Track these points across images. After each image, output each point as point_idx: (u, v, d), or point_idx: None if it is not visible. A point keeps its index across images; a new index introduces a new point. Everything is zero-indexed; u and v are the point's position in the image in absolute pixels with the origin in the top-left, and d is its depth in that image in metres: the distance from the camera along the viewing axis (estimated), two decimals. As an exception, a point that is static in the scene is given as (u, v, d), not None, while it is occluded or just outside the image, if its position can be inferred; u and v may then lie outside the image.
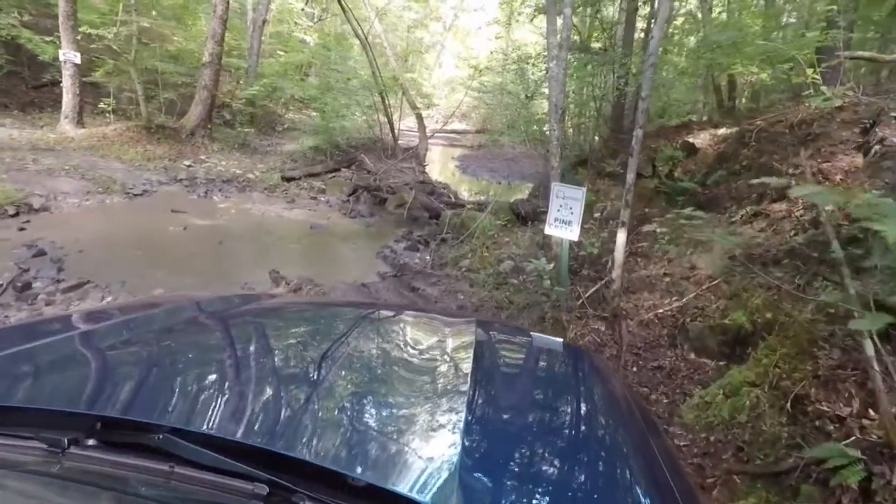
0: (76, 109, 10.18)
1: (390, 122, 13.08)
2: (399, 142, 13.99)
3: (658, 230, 4.48)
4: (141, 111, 10.56)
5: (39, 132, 9.85)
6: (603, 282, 4.34)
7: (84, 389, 0.89)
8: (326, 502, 0.63)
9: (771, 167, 4.36)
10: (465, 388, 0.96)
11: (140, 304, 1.60)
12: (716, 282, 3.63)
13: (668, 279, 4.12)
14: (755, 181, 3.86)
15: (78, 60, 9.84)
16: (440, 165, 16.40)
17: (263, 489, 0.63)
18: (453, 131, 22.97)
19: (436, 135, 17.12)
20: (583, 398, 1.14)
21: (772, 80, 6.95)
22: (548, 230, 3.81)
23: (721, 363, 3.14)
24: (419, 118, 14.08)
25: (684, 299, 3.68)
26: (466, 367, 1.06)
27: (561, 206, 3.69)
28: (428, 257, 6.32)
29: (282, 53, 17.02)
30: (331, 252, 6.65)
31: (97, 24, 9.88)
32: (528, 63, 10.21)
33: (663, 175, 6.48)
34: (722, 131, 7.05)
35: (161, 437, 0.69)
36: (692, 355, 3.31)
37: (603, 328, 3.85)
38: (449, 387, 1.01)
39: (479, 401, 0.95)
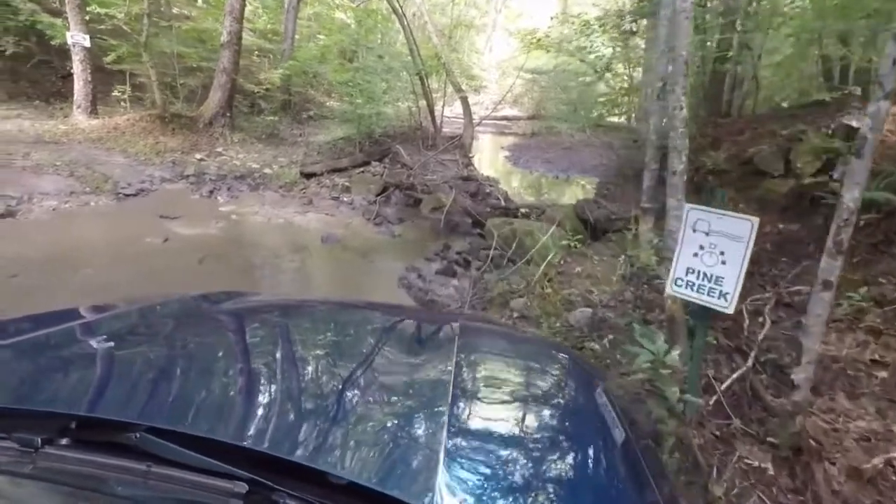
0: (88, 98, 9.30)
1: (430, 108, 11.47)
2: (443, 130, 12.39)
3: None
4: (155, 99, 9.52)
5: (51, 123, 9.03)
6: (750, 365, 2.57)
7: (58, 389, 0.88)
8: (306, 500, 0.61)
9: None
10: (447, 386, 0.94)
11: (116, 303, 1.43)
12: None
13: (884, 373, 2.30)
14: None
15: (87, 43, 8.90)
16: (488, 156, 14.66)
17: (243, 487, 0.61)
18: (503, 118, 21.14)
19: (484, 122, 15.37)
20: (566, 398, 1.12)
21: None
22: (671, 290, 2.08)
23: None
24: (464, 102, 12.39)
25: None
26: (450, 365, 1.04)
27: (702, 248, 1.95)
28: (467, 286, 4.71)
29: (322, 37, 15.87)
30: (338, 275, 5.17)
31: (108, 2, 8.87)
32: (599, 28, 8.21)
33: (806, 175, 4.51)
34: None
35: (138, 435, 0.67)
36: None
37: (770, 468, 2.10)
38: (431, 385, 1.01)
39: (462, 399, 0.94)
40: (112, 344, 1.08)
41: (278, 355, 1.10)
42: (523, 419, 0.98)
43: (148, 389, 0.88)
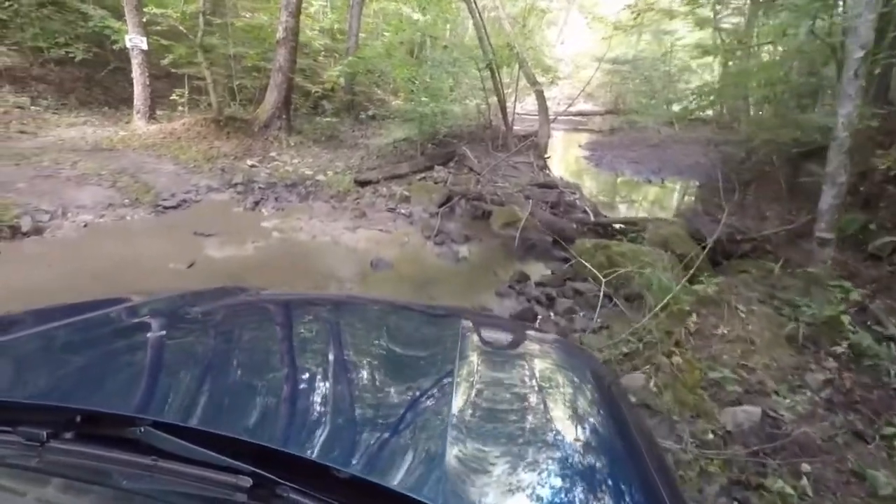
0: (147, 103, 9.00)
1: (502, 104, 10.24)
2: (514, 128, 11.12)
3: None
4: (211, 101, 9.07)
5: (112, 130, 8.83)
6: None
7: (63, 383, 0.89)
8: (310, 494, 0.61)
9: None
10: (451, 380, 0.95)
11: (121, 298, 1.44)
12: None
13: None
14: None
15: (144, 46, 8.57)
16: (564, 156, 13.17)
17: (247, 481, 0.61)
18: (578, 113, 19.52)
19: (557, 118, 13.90)
20: (572, 394, 1.09)
21: None
22: None
23: None
24: (540, 96, 11.01)
25: None
26: (453, 359, 1.04)
27: None
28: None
29: (386, 33, 15.17)
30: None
31: (164, 1, 8.49)
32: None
33: None
34: None
35: (143, 430, 0.66)
36: None
37: None
38: (435, 379, 1.00)
39: (466, 394, 0.93)
40: (117, 338, 1.08)
41: (282, 350, 1.10)
42: (527, 414, 0.95)
43: (153, 384, 0.88)
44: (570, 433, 0.90)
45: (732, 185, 8.25)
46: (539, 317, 3.86)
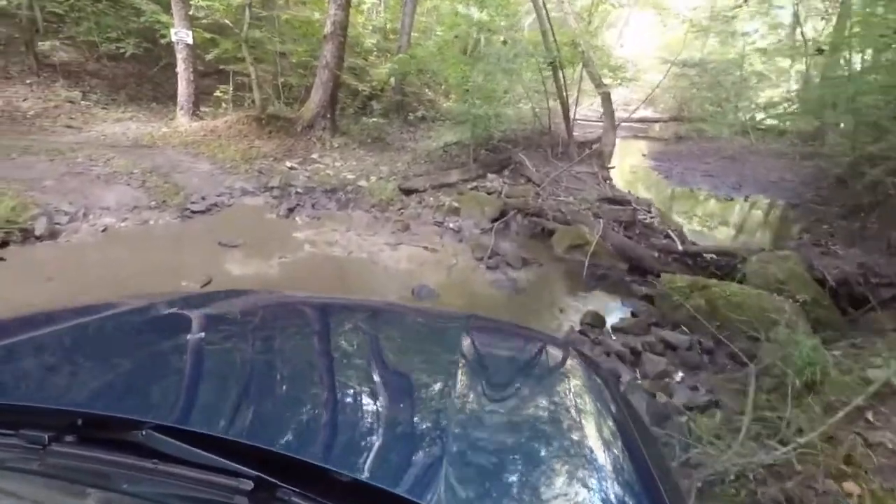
0: (191, 99, 8.69)
1: (564, 107, 9.30)
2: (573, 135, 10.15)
3: None
4: (255, 98, 8.65)
5: (155, 126, 8.57)
6: None
7: (65, 386, 0.89)
8: (312, 498, 0.61)
9: None
10: (453, 384, 0.94)
11: (122, 301, 1.43)
12: None
13: None
14: None
15: (190, 40, 8.24)
16: (629, 166, 12.03)
17: (248, 485, 0.61)
18: (639, 119, 18.25)
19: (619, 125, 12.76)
20: (574, 397, 1.09)
21: None
22: None
23: None
24: (606, 100, 10.00)
25: None
26: (455, 363, 1.05)
27: None
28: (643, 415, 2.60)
29: (440, 32, 14.55)
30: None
31: (213, -7, 8.13)
32: None
33: None
34: None
35: (145, 433, 0.66)
36: None
37: None
38: (437, 383, 0.99)
39: (468, 397, 0.93)
40: (119, 341, 1.07)
41: (284, 353, 1.10)
42: (528, 416, 0.95)
43: (155, 387, 0.88)
44: (572, 437, 0.89)
45: (838, 209, 6.98)
46: (622, 378, 2.97)
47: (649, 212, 6.41)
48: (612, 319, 3.78)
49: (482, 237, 5.54)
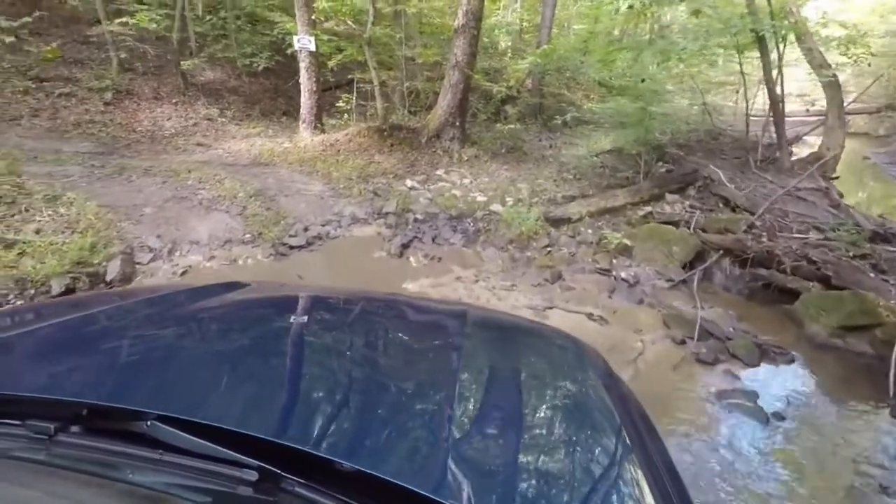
0: (312, 111, 8.00)
1: (773, 98, 6.76)
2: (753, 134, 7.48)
3: None
4: (377, 108, 7.65)
5: (278, 142, 8.06)
6: None
7: (71, 377, 0.88)
8: (315, 488, 0.61)
9: None
10: (454, 374, 0.94)
11: (126, 293, 1.41)
12: None
13: None
14: None
15: (312, 47, 7.52)
16: (854, 175, 8.79)
17: (253, 475, 0.61)
18: (817, 113, 14.08)
19: (790, 119, 9.41)
20: (576, 388, 1.06)
21: None
22: None
23: None
24: (832, 88, 7.16)
25: None
26: (456, 353, 1.04)
27: None
28: None
29: (583, 25, 12.66)
30: None
31: (336, -5, 7.31)
32: None
33: None
34: None
35: (149, 424, 0.66)
36: None
37: None
38: (438, 373, 0.98)
39: (469, 388, 0.93)
40: (123, 333, 1.07)
41: (287, 345, 1.08)
42: (530, 407, 0.94)
43: (159, 378, 0.87)
44: (573, 425, 0.89)
45: None
46: None
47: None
48: None
49: (672, 295, 3.64)
